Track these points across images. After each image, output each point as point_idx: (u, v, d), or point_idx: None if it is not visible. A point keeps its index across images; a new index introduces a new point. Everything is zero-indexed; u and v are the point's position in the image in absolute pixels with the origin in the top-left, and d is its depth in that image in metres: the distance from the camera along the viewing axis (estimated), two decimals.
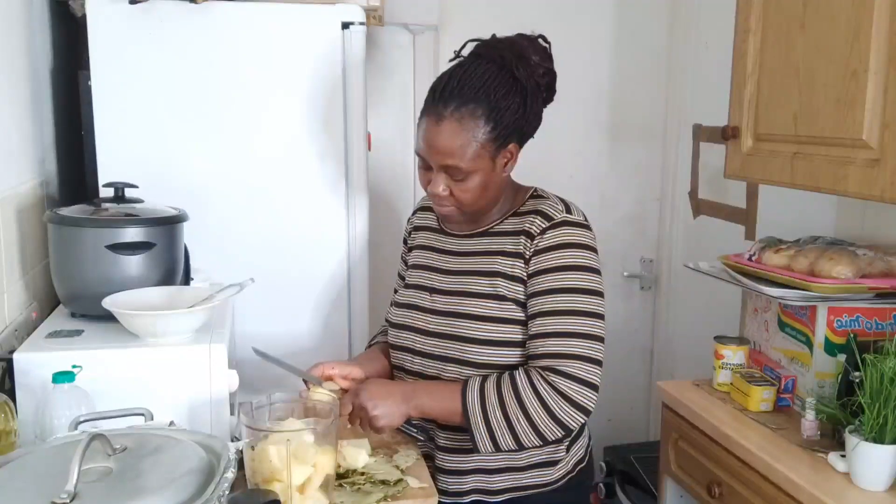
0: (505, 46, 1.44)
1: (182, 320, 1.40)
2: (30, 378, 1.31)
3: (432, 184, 1.43)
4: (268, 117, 1.87)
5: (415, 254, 1.62)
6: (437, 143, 1.39)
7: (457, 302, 1.48)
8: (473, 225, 1.52)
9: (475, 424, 1.37)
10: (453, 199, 1.43)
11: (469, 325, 1.45)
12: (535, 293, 1.41)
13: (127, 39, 1.78)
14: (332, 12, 1.86)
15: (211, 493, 0.91)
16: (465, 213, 1.46)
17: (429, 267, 1.56)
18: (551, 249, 1.42)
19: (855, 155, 1.47)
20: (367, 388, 1.41)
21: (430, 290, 1.53)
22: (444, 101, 1.40)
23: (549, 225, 1.43)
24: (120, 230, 1.50)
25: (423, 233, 1.63)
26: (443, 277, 1.53)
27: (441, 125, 1.39)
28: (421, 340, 1.51)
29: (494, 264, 1.46)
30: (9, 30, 1.64)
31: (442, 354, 1.47)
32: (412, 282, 1.58)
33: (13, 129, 1.63)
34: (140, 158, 1.81)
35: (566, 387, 1.34)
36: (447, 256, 1.54)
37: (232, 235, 1.88)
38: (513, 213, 1.50)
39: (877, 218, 1.91)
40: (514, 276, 1.44)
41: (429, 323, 1.50)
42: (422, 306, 1.53)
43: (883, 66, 1.39)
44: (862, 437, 1.40)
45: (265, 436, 1.26)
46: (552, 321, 1.39)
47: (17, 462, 0.99)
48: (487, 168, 1.42)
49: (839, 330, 1.66)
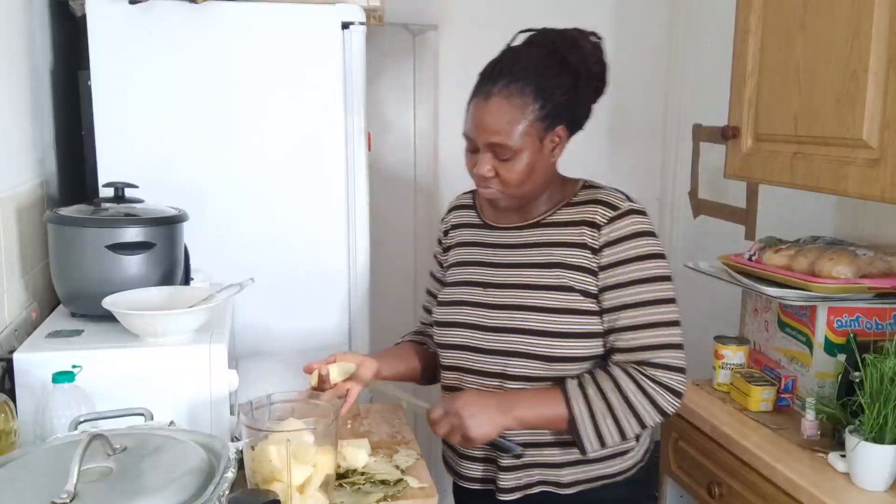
0: (557, 34, 1.45)
1: (182, 320, 1.40)
2: (30, 378, 1.31)
3: (478, 164, 1.39)
4: (268, 117, 1.87)
5: (454, 252, 1.57)
6: (485, 120, 1.37)
7: (518, 295, 1.42)
8: (522, 216, 1.48)
9: (583, 429, 1.34)
10: (499, 180, 1.39)
11: (538, 317, 1.39)
12: (615, 285, 1.38)
13: (127, 39, 1.78)
14: (332, 12, 1.86)
15: (211, 493, 0.91)
16: (510, 196, 1.41)
17: (476, 262, 1.51)
18: (624, 240, 1.39)
19: (855, 155, 1.47)
20: (462, 396, 1.36)
21: (484, 285, 1.47)
22: (493, 79, 1.39)
23: (617, 214, 1.40)
24: (120, 230, 1.50)
25: (463, 230, 1.58)
26: (496, 271, 1.47)
27: (489, 102, 1.37)
28: (479, 336, 1.45)
29: (555, 255, 1.42)
30: (9, 30, 1.64)
31: (506, 349, 1.41)
32: (457, 279, 1.53)
33: (13, 129, 1.63)
34: (140, 158, 1.81)
35: (664, 377, 1.35)
36: (496, 250, 1.49)
37: (232, 235, 1.88)
38: (565, 203, 1.46)
39: (877, 218, 1.91)
40: (580, 266, 1.40)
41: (486, 318, 1.44)
42: (476, 301, 1.47)
43: (883, 66, 1.39)
44: (862, 437, 1.40)
45: (265, 436, 1.26)
46: (638, 313, 1.37)
47: (17, 462, 0.99)
48: (534, 149, 1.38)
49: (839, 330, 1.66)
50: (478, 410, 1.32)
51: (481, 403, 1.34)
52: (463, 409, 1.31)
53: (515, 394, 1.39)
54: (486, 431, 1.32)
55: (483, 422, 1.32)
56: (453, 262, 1.56)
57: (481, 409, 1.33)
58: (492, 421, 1.33)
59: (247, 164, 1.87)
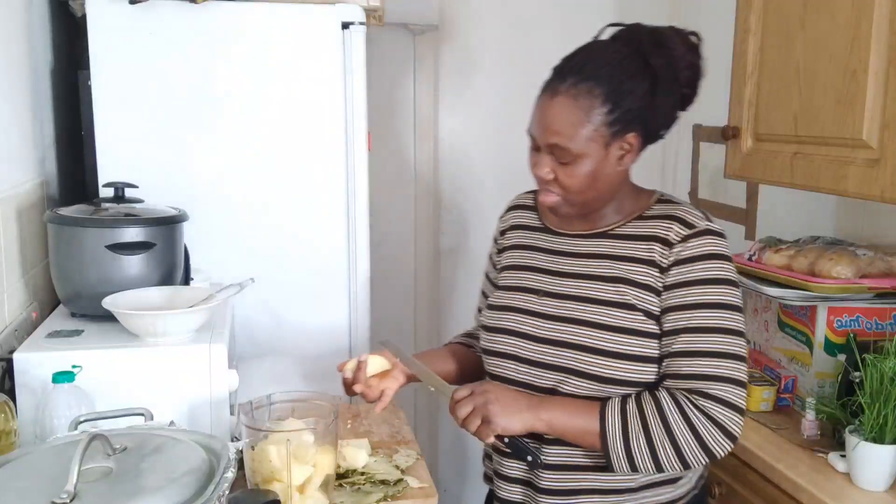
0: (645, 32, 1.36)
1: (182, 320, 1.40)
2: (30, 378, 1.31)
3: (537, 164, 1.31)
4: (268, 117, 1.87)
5: (509, 255, 1.48)
6: (547, 119, 1.28)
7: (575, 308, 1.32)
8: (588, 225, 1.38)
9: (613, 448, 1.24)
10: (558, 185, 1.30)
11: (594, 334, 1.29)
12: (677, 307, 1.27)
13: (127, 39, 1.78)
14: (332, 12, 1.86)
15: (211, 493, 0.91)
16: (570, 203, 1.32)
17: (533, 267, 1.42)
18: (695, 260, 1.28)
19: (855, 155, 1.47)
20: (494, 389, 1.29)
21: (539, 293, 1.38)
22: (562, 76, 1.29)
23: (692, 233, 1.29)
24: (120, 230, 1.50)
25: (520, 232, 1.48)
26: (553, 279, 1.37)
27: (554, 100, 1.28)
28: (529, 347, 1.35)
29: (620, 270, 1.31)
30: (9, 30, 1.64)
31: (558, 364, 1.31)
32: (510, 283, 1.44)
33: (13, 129, 1.63)
34: (140, 158, 1.81)
35: (717, 412, 1.22)
36: (556, 257, 1.40)
37: (232, 235, 1.88)
38: (637, 216, 1.36)
39: (877, 218, 1.91)
40: (646, 284, 1.29)
41: (539, 328, 1.35)
42: (528, 309, 1.37)
43: (883, 66, 1.39)
44: (862, 437, 1.40)
45: (265, 436, 1.26)
46: (698, 339, 1.25)
47: (17, 462, 0.99)
48: (599, 156, 1.28)
49: (839, 330, 1.66)
50: (507, 400, 1.26)
51: (512, 395, 1.28)
52: (492, 403, 1.25)
53: (548, 397, 1.31)
54: (511, 424, 1.25)
55: (509, 412, 1.25)
56: (507, 265, 1.47)
57: (511, 400, 1.27)
58: (519, 415, 1.25)
59: (247, 164, 1.87)
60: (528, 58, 2.76)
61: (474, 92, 2.76)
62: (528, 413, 1.26)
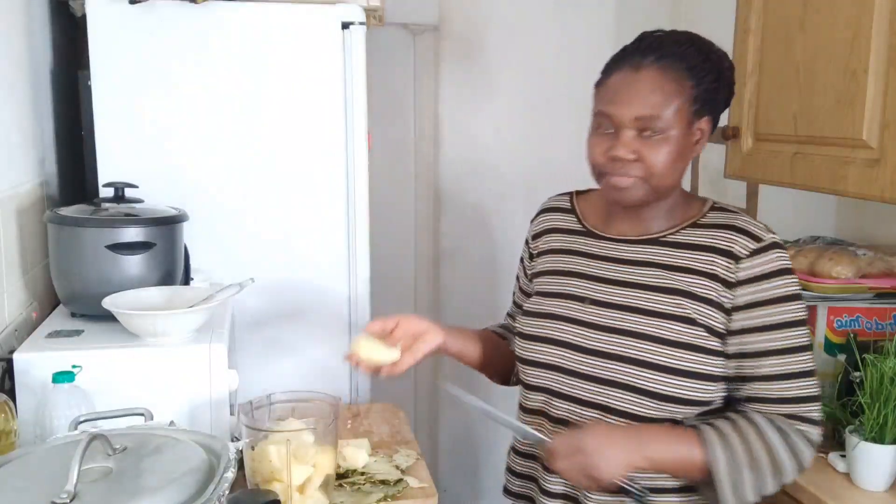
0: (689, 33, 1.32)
1: (182, 320, 1.40)
2: (30, 378, 1.31)
3: (617, 145, 1.23)
4: (268, 117, 1.87)
5: (545, 259, 1.42)
6: (634, 92, 1.22)
7: (630, 319, 1.26)
8: (637, 228, 1.33)
9: (721, 482, 1.18)
10: (641, 165, 1.22)
11: (650, 347, 1.23)
12: (759, 328, 1.22)
13: (127, 39, 1.78)
14: (332, 12, 1.86)
15: (211, 493, 0.91)
16: (648, 187, 1.24)
17: (575, 273, 1.35)
18: (767, 278, 1.23)
19: (855, 155, 1.47)
20: (590, 437, 1.19)
21: (583, 300, 1.32)
22: (641, 52, 1.24)
23: (760, 247, 1.24)
24: (120, 230, 1.50)
25: (557, 235, 1.42)
26: (602, 287, 1.31)
27: (640, 73, 1.23)
28: (575, 358, 1.28)
29: (678, 282, 1.25)
30: (9, 30, 1.64)
31: (610, 378, 1.25)
32: (550, 289, 1.37)
33: (13, 129, 1.63)
34: (140, 158, 1.81)
35: (813, 433, 1.23)
36: (602, 263, 1.33)
37: (232, 235, 1.88)
38: (691, 223, 1.30)
39: (877, 218, 1.91)
40: (708, 299, 1.24)
41: (586, 338, 1.28)
42: (572, 317, 1.31)
43: (883, 66, 1.39)
44: (862, 437, 1.40)
45: (265, 436, 1.26)
46: (785, 360, 1.22)
47: (17, 462, 0.99)
48: (682, 134, 1.23)
49: (839, 330, 1.66)
50: (607, 448, 1.18)
51: (609, 439, 1.19)
52: (590, 445, 1.17)
53: (645, 430, 1.23)
54: (616, 470, 1.17)
55: (612, 462, 1.17)
56: (544, 270, 1.41)
57: (610, 446, 1.18)
58: (624, 459, 1.18)
59: (247, 164, 1.87)
60: (528, 58, 2.76)
61: (474, 92, 2.76)
62: (631, 454, 1.19)
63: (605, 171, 1.27)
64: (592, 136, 1.29)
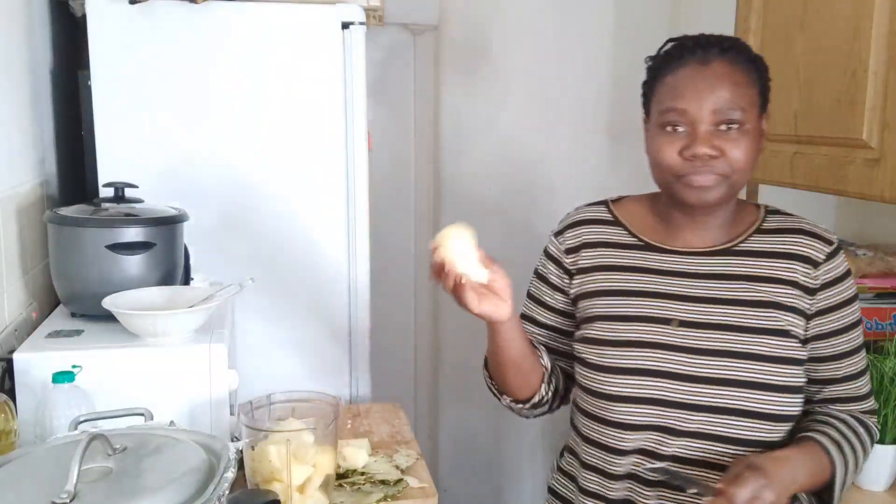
0: None
1: (182, 320, 1.40)
2: (30, 378, 1.31)
3: (696, 142, 1.15)
4: (268, 117, 1.87)
5: (593, 278, 1.30)
6: (708, 84, 1.15)
7: (729, 338, 1.18)
8: (703, 239, 1.25)
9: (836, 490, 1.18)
10: (723, 161, 1.15)
11: (759, 367, 1.17)
12: (837, 331, 1.22)
13: (127, 39, 1.78)
14: (332, 12, 1.86)
15: (211, 493, 0.91)
16: (728, 185, 1.18)
17: (651, 293, 1.24)
18: (840, 281, 1.22)
19: (855, 155, 1.47)
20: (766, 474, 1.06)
21: (671, 322, 1.22)
22: (702, 46, 1.18)
23: (833, 250, 1.22)
24: (120, 230, 1.50)
25: (601, 250, 1.31)
26: (688, 306, 1.22)
27: (710, 65, 1.16)
28: (676, 387, 1.18)
29: (766, 292, 1.20)
30: (9, 30, 1.64)
31: (720, 405, 1.17)
32: (621, 311, 1.25)
33: (13, 129, 1.63)
34: (140, 158, 1.81)
35: (876, 427, 1.27)
36: (679, 279, 1.24)
37: (232, 235, 1.88)
38: (756, 229, 1.26)
39: (877, 218, 1.91)
40: (793, 307, 1.20)
41: (686, 365, 1.18)
42: (663, 343, 1.20)
43: (883, 66, 1.40)
44: None
45: (265, 436, 1.26)
46: (856, 359, 1.24)
47: (17, 462, 0.99)
48: (756, 129, 1.18)
49: None
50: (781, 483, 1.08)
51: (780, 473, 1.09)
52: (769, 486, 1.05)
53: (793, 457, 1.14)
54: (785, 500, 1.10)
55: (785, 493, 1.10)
56: (598, 290, 1.29)
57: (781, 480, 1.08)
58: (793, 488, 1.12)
59: (247, 164, 1.87)
60: (527, 58, 2.76)
61: (474, 92, 2.76)
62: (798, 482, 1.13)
63: (681, 172, 1.18)
64: (659, 138, 1.20)
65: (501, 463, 2.94)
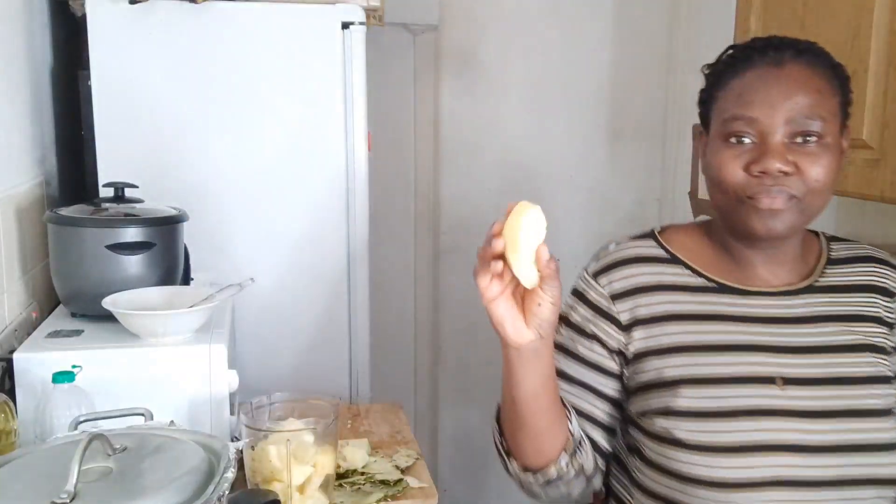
0: None
1: (182, 320, 1.40)
2: (30, 378, 1.31)
3: (766, 156, 0.97)
4: (268, 117, 1.87)
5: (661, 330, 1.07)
6: (781, 90, 0.98)
7: (839, 394, 1.01)
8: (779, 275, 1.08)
9: None
10: (798, 180, 0.97)
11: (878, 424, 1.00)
12: None
13: (127, 39, 1.78)
14: (332, 12, 1.86)
15: (211, 493, 0.91)
16: (799, 211, 1.00)
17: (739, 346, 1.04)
18: None
19: (855, 155, 1.47)
20: None
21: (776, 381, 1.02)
22: (774, 48, 1.01)
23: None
24: (120, 230, 1.50)
25: (665, 295, 1.08)
26: (787, 359, 1.03)
27: (784, 68, 0.99)
28: (798, 463, 0.98)
29: (858, 333, 1.05)
30: (9, 30, 1.64)
31: (846, 476, 0.98)
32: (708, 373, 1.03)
33: (13, 129, 1.63)
34: (140, 158, 1.81)
35: None
36: (768, 326, 1.05)
37: (232, 235, 1.88)
38: (827, 260, 1.11)
39: (877, 218, 1.91)
40: (883, 347, 1.06)
41: (804, 432, 0.99)
42: (774, 408, 1.00)
43: (883, 66, 1.40)
44: None
45: (265, 436, 1.26)
46: None
47: (17, 462, 0.99)
48: (836, 143, 1.00)
49: None
50: None
51: None
52: None
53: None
54: None
55: None
56: (670, 347, 1.06)
57: None
58: None
59: (247, 164, 1.87)
60: (528, 58, 2.77)
61: (474, 92, 2.76)
62: None
63: (749, 192, 1.00)
64: (722, 152, 1.01)
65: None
